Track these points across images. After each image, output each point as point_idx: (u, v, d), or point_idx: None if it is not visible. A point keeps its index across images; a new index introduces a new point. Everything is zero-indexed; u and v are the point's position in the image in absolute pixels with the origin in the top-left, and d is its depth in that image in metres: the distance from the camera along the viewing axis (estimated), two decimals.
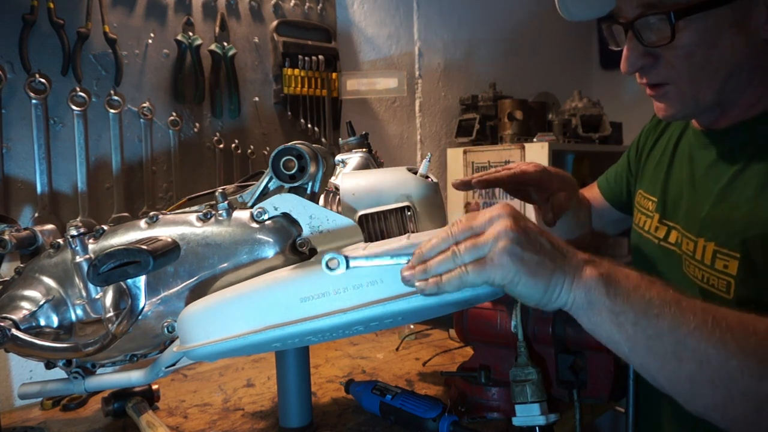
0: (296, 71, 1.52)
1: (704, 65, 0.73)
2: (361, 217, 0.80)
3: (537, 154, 1.61)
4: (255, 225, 0.75)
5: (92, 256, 0.76)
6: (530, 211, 1.11)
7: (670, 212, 0.90)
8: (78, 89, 1.20)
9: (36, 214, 1.16)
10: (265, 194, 0.81)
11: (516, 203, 1.57)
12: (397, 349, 1.37)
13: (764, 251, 0.71)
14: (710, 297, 0.78)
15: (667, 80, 0.77)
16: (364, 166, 0.99)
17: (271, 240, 0.74)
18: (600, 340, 0.55)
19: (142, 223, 0.78)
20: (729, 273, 0.75)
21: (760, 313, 0.59)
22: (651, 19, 0.72)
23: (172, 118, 1.34)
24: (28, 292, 0.78)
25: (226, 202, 0.77)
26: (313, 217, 0.75)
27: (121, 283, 0.70)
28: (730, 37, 0.71)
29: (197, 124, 1.39)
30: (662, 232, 0.91)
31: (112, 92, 1.25)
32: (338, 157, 0.99)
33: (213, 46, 1.39)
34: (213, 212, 0.77)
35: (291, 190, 0.78)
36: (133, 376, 0.84)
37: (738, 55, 0.73)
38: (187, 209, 0.83)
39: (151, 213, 0.78)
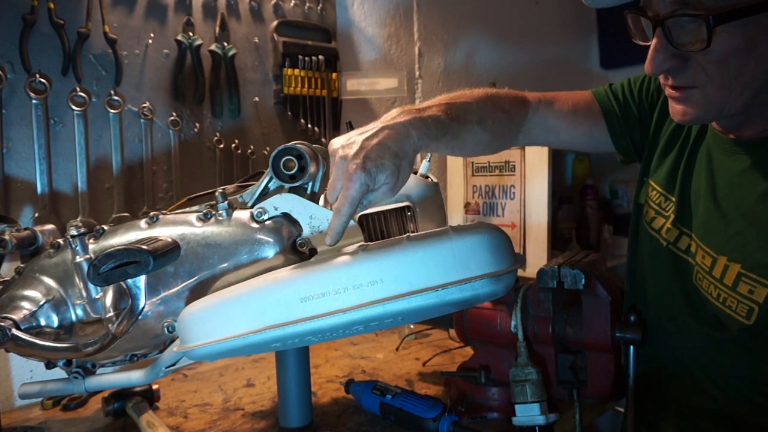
0: (296, 71, 1.52)
1: (738, 73, 0.68)
2: (361, 217, 0.80)
3: (537, 154, 1.61)
4: (255, 225, 0.75)
5: (92, 256, 0.76)
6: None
7: (685, 217, 0.86)
8: (78, 89, 1.20)
9: (36, 214, 1.16)
10: (265, 194, 0.81)
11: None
12: (397, 349, 1.37)
13: None
14: (726, 318, 0.76)
15: (695, 84, 0.71)
16: None
17: (271, 240, 0.74)
18: None
19: (143, 223, 0.78)
20: (754, 299, 0.72)
21: None
22: (685, 19, 0.66)
23: (172, 118, 1.34)
24: (28, 292, 0.78)
25: (226, 202, 0.77)
26: (313, 217, 0.75)
27: (121, 283, 0.70)
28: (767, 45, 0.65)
29: (197, 124, 1.39)
30: (673, 235, 0.88)
31: (112, 92, 1.25)
32: None
33: (213, 46, 1.39)
34: (213, 212, 0.77)
35: (291, 190, 0.78)
36: (133, 376, 0.84)
37: None
38: (187, 209, 0.83)
39: (152, 213, 0.79)
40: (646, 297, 0.94)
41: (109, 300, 0.76)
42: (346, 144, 0.70)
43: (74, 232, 0.75)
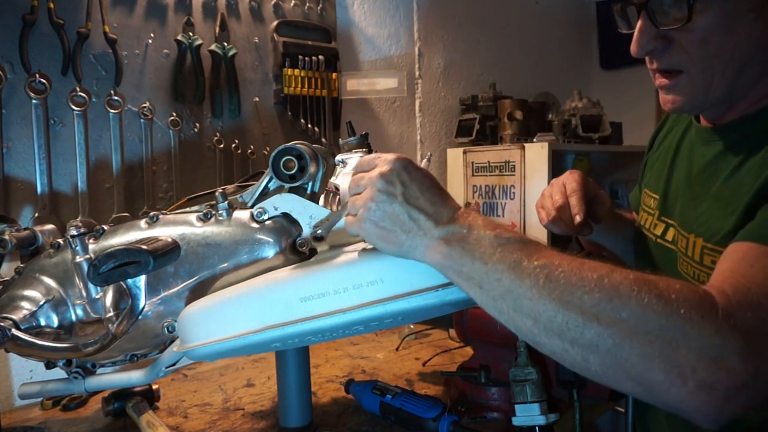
0: (296, 71, 1.52)
1: (719, 53, 0.70)
2: None
3: (537, 154, 1.61)
4: (255, 225, 0.75)
5: (92, 256, 0.76)
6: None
7: (668, 209, 0.89)
8: (78, 89, 1.20)
9: (36, 214, 1.16)
10: (265, 194, 0.81)
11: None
12: (397, 349, 1.37)
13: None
14: None
15: (679, 66, 0.73)
16: None
17: (271, 240, 0.74)
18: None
19: (143, 223, 0.78)
20: None
21: None
22: (666, 1, 0.69)
23: (172, 118, 1.34)
24: (28, 292, 0.78)
25: (226, 202, 0.77)
26: (313, 217, 0.75)
27: (121, 283, 0.70)
28: (749, 23, 0.67)
29: (197, 124, 1.39)
30: (660, 229, 0.90)
31: (112, 92, 1.25)
32: (338, 157, 1.00)
33: (213, 46, 1.39)
34: (213, 212, 0.77)
35: (291, 190, 0.78)
36: (133, 376, 0.84)
37: (754, 45, 0.69)
38: (187, 209, 0.83)
39: (152, 213, 0.79)
40: None
41: (109, 300, 0.76)
42: (382, 213, 0.64)
43: (74, 232, 0.75)
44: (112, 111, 1.25)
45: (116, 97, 1.25)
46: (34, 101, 1.14)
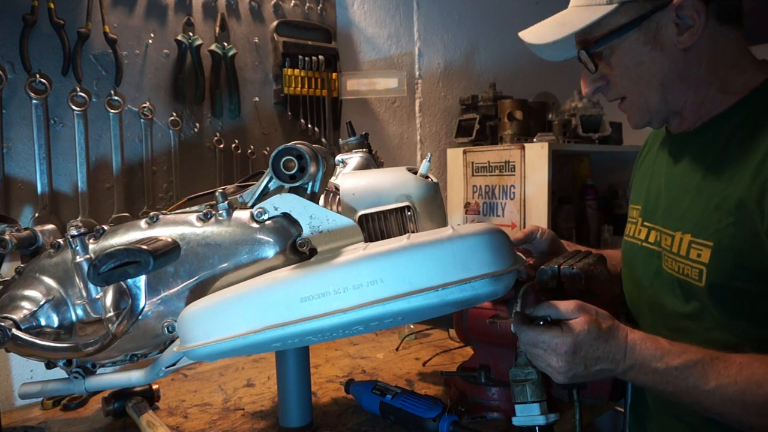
0: (296, 71, 1.52)
1: (638, 80, 0.85)
2: (361, 217, 0.80)
3: (537, 154, 1.61)
4: (255, 225, 0.75)
5: (92, 256, 0.76)
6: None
7: (650, 214, 0.95)
8: (78, 89, 1.20)
9: (36, 214, 1.16)
10: (265, 194, 0.81)
11: (514, 210, 1.55)
12: (397, 349, 1.37)
13: (734, 238, 0.76)
14: (685, 286, 0.83)
15: (620, 95, 0.89)
16: (364, 166, 0.99)
17: (271, 240, 0.74)
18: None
19: (143, 223, 0.78)
20: (702, 261, 0.79)
21: (730, 299, 0.77)
22: (583, 53, 0.86)
23: (172, 118, 1.34)
24: (28, 292, 0.78)
25: (226, 202, 0.77)
26: (313, 217, 0.75)
27: (122, 283, 0.71)
28: (648, 53, 0.82)
29: (197, 124, 1.39)
30: (644, 234, 0.95)
31: (112, 92, 1.25)
32: (338, 157, 1.00)
33: (213, 46, 1.39)
34: (213, 212, 0.77)
35: (291, 190, 0.78)
36: (134, 376, 0.84)
37: (662, 68, 0.82)
38: (187, 209, 0.83)
39: (152, 213, 0.79)
40: (632, 300, 0.98)
41: (109, 300, 0.76)
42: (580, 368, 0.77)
43: (74, 232, 0.75)
44: (112, 111, 1.25)
45: (116, 97, 1.25)
46: (34, 101, 1.14)
